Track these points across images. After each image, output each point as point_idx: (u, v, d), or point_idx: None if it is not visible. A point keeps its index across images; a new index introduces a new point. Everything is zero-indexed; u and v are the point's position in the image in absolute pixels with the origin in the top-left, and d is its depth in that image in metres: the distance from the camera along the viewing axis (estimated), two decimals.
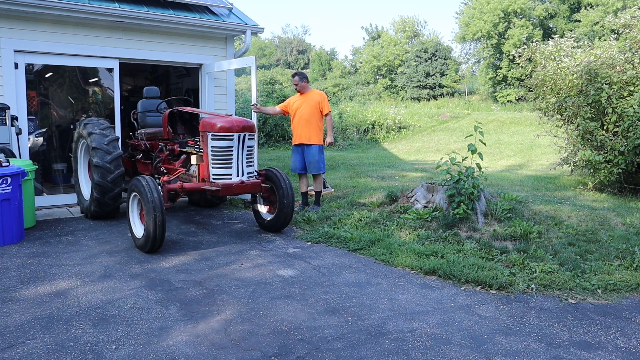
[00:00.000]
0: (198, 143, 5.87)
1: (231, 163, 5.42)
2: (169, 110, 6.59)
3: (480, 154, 5.84)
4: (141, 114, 7.47)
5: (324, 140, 6.97)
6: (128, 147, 7.46)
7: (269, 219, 6.01)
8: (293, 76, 6.99)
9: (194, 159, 5.64)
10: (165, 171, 6.39)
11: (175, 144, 6.47)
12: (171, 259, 4.95)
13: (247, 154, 5.54)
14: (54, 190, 8.28)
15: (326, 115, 6.93)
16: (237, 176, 5.46)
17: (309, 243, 5.58)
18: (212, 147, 5.36)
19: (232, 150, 5.41)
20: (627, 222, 5.69)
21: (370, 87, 39.58)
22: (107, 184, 6.08)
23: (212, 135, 5.34)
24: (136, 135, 7.39)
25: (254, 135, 5.58)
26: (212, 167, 5.40)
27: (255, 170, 5.82)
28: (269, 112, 7.44)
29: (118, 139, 6.39)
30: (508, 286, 4.19)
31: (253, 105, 6.78)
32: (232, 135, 5.35)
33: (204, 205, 7.53)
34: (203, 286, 4.19)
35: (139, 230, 5.21)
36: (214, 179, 5.40)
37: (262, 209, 6.14)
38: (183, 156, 6.26)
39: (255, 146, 5.82)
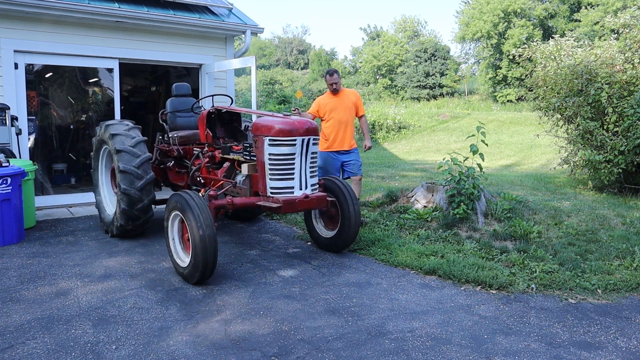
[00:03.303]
0: (249, 149, 4.87)
1: (293, 174, 4.48)
2: (207, 110, 5.57)
3: (481, 155, 5.85)
4: (171, 115, 6.40)
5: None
6: (155, 153, 6.35)
7: (328, 236, 5.20)
8: (332, 74, 6.03)
9: (245, 169, 4.78)
10: (202, 181, 5.48)
11: (216, 149, 5.45)
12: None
13: (311, 162, 4.60)
14: (52, 190, 8.28)
15: (361, 117, 6.32)
16: (300, 189, 4.51)
17: (309, 243, 5.58)
18: (269, 154, 4.42)
19: (294, 158, 4.46)
20: (627, 222, 5.68)
21: (370, 87, 39.59)
22: (135, 192, 5.23)
23: (269, 140, 4.40)
24: (166, 138, 6.32)
25: (318, 139, 4.67)
26: (270, 179, 4.45)
27: None
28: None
29: (146, 140, 5.54)
30: (508, 286, 4.19)
31: (295, 109, 5.67)
32: (295, 140, 4.41)
33: (231, 217, 6.69)
34: (203, 286, 4.19)
35: (182, 257, 4.38)
36: (272, 192, 4.46)
37: (319, 224, 5.34)
38: (226, 164, 5.29)
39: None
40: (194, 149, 5.83)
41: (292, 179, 4.48)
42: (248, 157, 4.87)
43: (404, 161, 13.51)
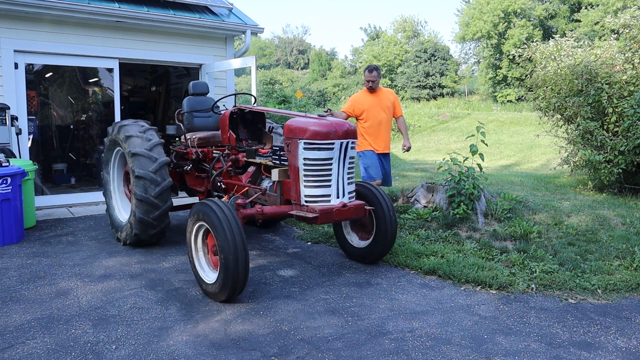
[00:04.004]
0: (279, 153, 4.43)
1: (330, 180, 4.09)
2: (230, 110, 5.17)
3: (481, 155, 5.85)
4: (187, 115, 5.99)
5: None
6: (171, 155, 5.88)
7: (361, 246, 4.82)
8: (371, 70, 5.63)
9: (275, 174, 4.32)
10: (223, 187, 5.10)
11: (240, 152, 5.07)
12: (171, 259, 4.95)
13: (349, 168, 4.22)
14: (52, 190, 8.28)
15: (399, 117, 5.98)
16: (338, 197, 4.12)
17: (309, 243, 5.58)
18: (304, 158, 4.02)
19: (331, 164, 4.08)
20: (627, 222, 5.68)
21: None
22: (151, 199, 4.87)
23: (305, 143, 4.00)
24: (182, 140, 5.90)
25: (355, 142, 4.28)
26: (305, 186, 4.06)
27: None
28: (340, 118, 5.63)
29: (162, 143, 5.19)
30: (508, 286, 4.19)
31: (327, 110, 5.05)
32: (333, 144, 4.02)
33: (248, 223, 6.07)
34: None
35: (208, 273, 4.00)
36: (306, 201, 4.07)
37: (351, 234, 4.97)
38: (251, 169, 4.94)
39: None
40: (214, 151, 5.47)
41: (329, 186, 4.09)
42: (278, 162, 4.45)
43: (404, 161, 13.51)
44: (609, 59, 7.60)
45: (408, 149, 5.96)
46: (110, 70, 7.80)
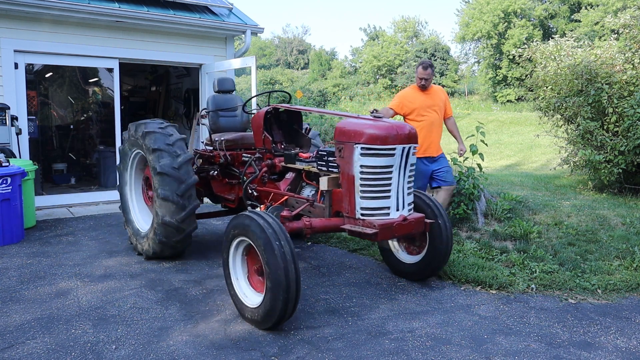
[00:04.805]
0: (326, 158, 3.94)
1: (390, 190, 3.63)
2: (265, 109, 4.64)
3: (481, 155, 5.85)
4: (213, 114, 5.51)
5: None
6: (195, 158, 5.37)
7: (411, 262, 4.35)
8: (426, 67, 5.19)
9: (324, 182, 3.83)
10: (255, 194, 4.60)
11: (276, 156, 4.60)
12: (171, 258, 4.94)
13: (409, 176, 3.77)
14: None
15: (450, 118, 5.56)
16: (397, 210, 3.66)
17: (309, 243, 5.58)
18: (361, 166, 3.56)
19: (392, 171, 3.62)
20: (627, 222, 5.68)
21: (370, 87, 39.60)
22: (176, 198, 4.42)
23: (362, 148, 3.54)
24: (206, 141, 5.48)
25: (417, 147, 3.82)
26: (362, 197, 3.58)
27: None
28: (386, 117, 4.85)
29: (184, 139, 4.79)
30: (508, 286, 4.19)
31: (373, 111, 4.19)
32: (394, 149, 3.56)
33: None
34: (203, 286, 4.19)
35: (249, 295, 3.52)
36: (363, 214, 3.60)
37: (398, 247, 4.48)
38: (290, 175, 4.47)
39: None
40: (243, 155, 5.01)
41: (389, 197, 3.62)
42: (325, 168, 3.94)
43: None
44: (609, 59, 7.60)
45: (464, 153, 5.56)
46: (110, 70, 7.80)
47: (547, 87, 8.25)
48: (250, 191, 4.59)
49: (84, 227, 6.21)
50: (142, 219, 5.16)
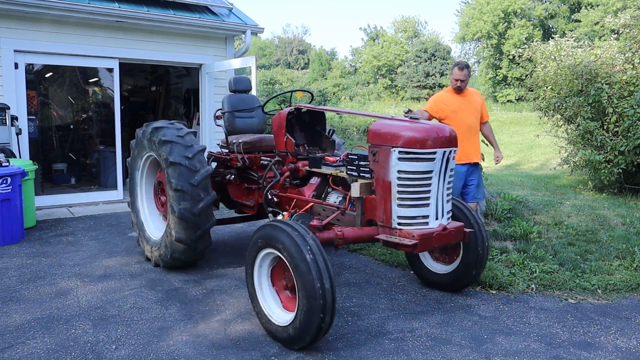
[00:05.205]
0: (357, 162, 3.65)
1: (429, 198, 3.37)
2: (287, 109, 4.36)
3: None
4: (228, 115, 5.23)
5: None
6: (209, 161, 5.10)
7: (443, 272, 4.11)
8: (462, 68, 4.88)
9: (355, 189, 3.54)
10: (276, 200, 4.35)
11: (299, 160, 4.29)
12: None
13: (449, 183, 3.51)
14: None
15: (486, 122, 5.20)
16: (436, 219, 3.40)
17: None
18: (399, 171, 3.30)
19: (431, 177, 3.36)
20: (627, 222, 5.69)
21: (370, 87, 39.60)
22: (192, 217, 4.16)
23: (400, 152, 3.28)
24: (222, 144, 5.24)
25: (456, 151, 3.52)
26: (399, 205, 3.33)
27: None
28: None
29: (205, 149, 4.47)
30: (508, 286, 4.19)
31: (408, 112, 3.89)
32: (434, 153, 3.29)
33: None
34: (203, 286, 4.19)
35: (277, 313, 3.25)
36: (400, 223, 3.34)
37: (428, 257, 4.23)
38: (315, 180, 4.16)
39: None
40: (262, 158, 4.76)
41: (428, 205, 3.36)
42: (355, 173, 3.67)
43: None
44: (609, 59, 7.61)
45: (500, 160, 5.23)
46: (110, 70, 7.80)
47: (547, 87, 8.25)
48: (270, 197, 4.34)
49: (84, 227, 6.21)
50: (154, 223, 4.91)
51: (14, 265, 4.68)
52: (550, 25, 32.79)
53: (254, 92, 7.09)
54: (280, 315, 3.21)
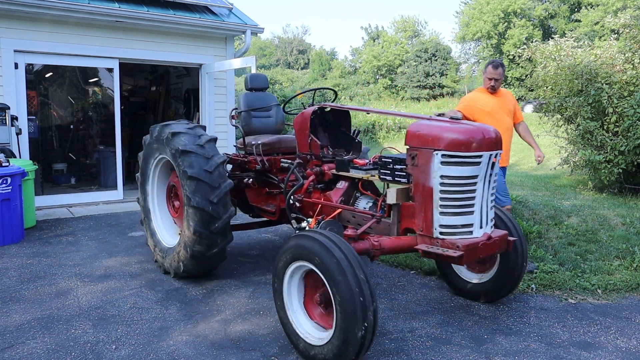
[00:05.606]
0: (391, 166, 3.38)
1: (474, 205, 3.11)
2: (311, 108, 4.04)
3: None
4: (245, 115, 4.96)
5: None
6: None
7: (478, 281, 3.87)
8: (496, 66, 4.68)
9: (391, 195, 3.28)
10: (298, 205, 4.04)
11: (325, 162, 4.02)
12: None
13: (492, 188, 3.25)
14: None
15: (521, 122, 5.04)
16: (481, 227, 3.15)
17: None
18: (442, 176, 3.04)
19: (476, 182, 3.10)
20: (627, 222, 5.68)
21: (370, 87, 39.61)
22: (209, 206, 3.87)
23: (443, 155, 3.02)
24: (239, 145, 4.96)
25: (501, 154, 3.25)
26: (442, 213, 3.07)
27: None
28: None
29: (216, 139, 4.24)
30: None
31: (440, 114, 3.59)
32: (480, 156, 3.03)
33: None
34: (203, 286, 4.19)
35: (310, 331, 2.98)
36: (442, 232, 3.08)
37: (463, 266, 3.95)
38: (342, 184, 3.89)
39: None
40: (282, 160, 4.44)
41: (472, 212, 3.10)
42: (390, 178, 3.39)
43: None
44: (609, 59, 7.60)
45: (542, 160, 5.01)
46: (110, 70, 7.80)
47: (547, 87, 8.25)
48: (292, 202, 4.04)
49: (84, 227, 6.21)
50: (167, 231, 4.67)
51: (14, 265, 4.68)
52: (550, 25, 32.81)
53: None
54: (313, 332, 2.95)
